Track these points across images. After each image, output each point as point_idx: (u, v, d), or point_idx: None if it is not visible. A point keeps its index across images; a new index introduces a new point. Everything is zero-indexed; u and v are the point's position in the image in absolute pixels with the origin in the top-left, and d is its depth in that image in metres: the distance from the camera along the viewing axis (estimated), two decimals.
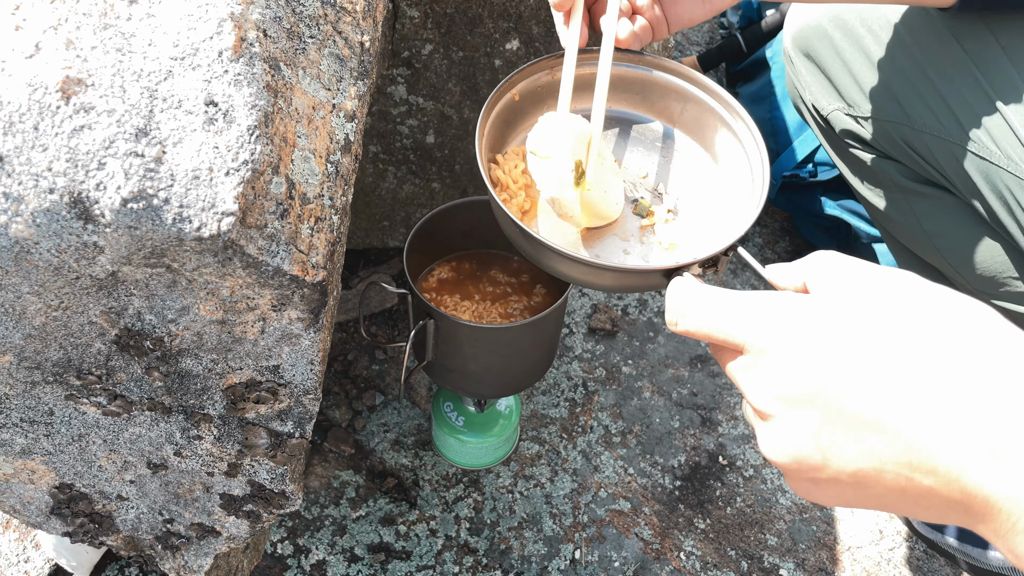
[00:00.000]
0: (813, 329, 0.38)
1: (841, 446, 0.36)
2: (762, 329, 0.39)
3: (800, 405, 0.37)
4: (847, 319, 0.37)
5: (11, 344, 0.57)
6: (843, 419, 0.36)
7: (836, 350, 0.37)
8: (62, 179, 0.50)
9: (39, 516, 0.74)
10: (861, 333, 0.37)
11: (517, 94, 0.66)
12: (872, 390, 0.35)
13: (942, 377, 0.34)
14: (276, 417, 0.67)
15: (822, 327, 0.37)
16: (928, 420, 0.34)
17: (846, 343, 0.37)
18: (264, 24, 0.57)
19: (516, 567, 1.02)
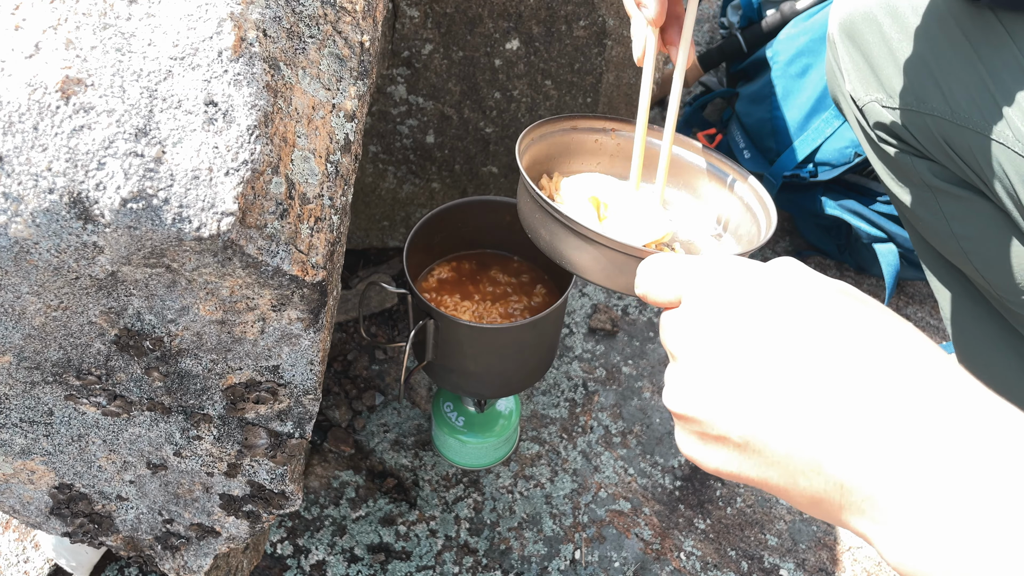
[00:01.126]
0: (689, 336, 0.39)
1: (718, 455, 0.37)
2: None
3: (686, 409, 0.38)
4: (707, 329, 0.38)
5: (11, 344, 0.57)
6: (713, 439, 0.37)
7: (700, 366, 0.37)
8: (62, 179, 0.50)
9: (39, 516, 0.74)
10: (717, 347, 0.37)
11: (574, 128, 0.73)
12: (732, 412, 0.36)
13: (797, 380, 0.34)
14: (276, 417, 0.67)
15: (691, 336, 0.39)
16: (790, 431, 0.34)
17: (705, 359, 0.37)
18: (264, 24, 0.57)
19: (516, 567, 1.02)
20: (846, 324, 0.35)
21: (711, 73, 1.68)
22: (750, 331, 0.36)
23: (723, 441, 0.37)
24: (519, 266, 0.98)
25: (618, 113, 1.14)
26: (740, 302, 0.37)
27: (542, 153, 0.71)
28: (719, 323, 0.37)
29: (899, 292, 1.46)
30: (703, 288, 0.40)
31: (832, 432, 0.33)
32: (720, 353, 0.37)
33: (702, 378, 0.37)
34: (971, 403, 0.32)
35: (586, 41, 1.05)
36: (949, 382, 0.33)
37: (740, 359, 0.36)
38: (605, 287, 0.68)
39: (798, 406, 0.34)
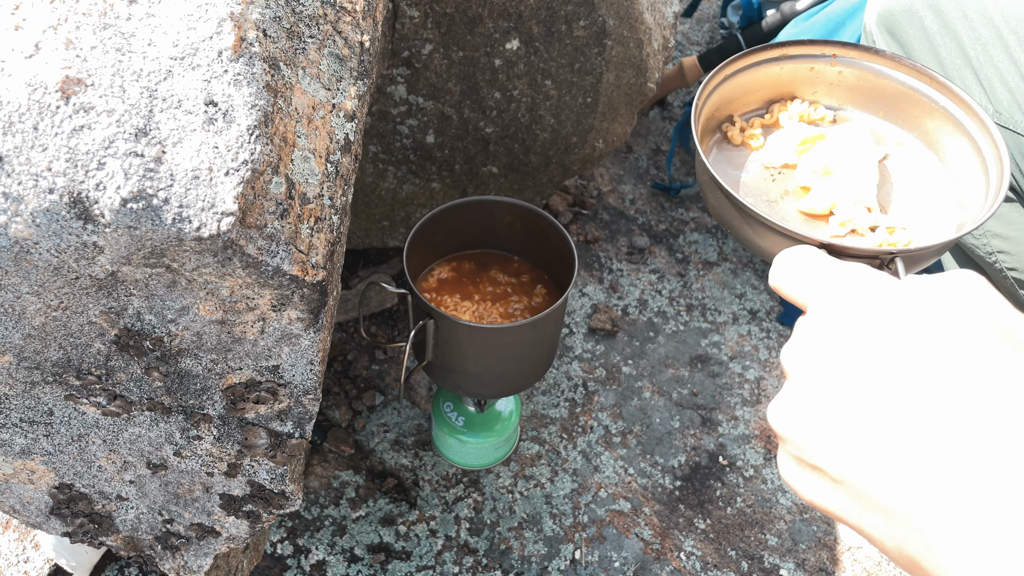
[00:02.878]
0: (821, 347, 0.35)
1: (813, 486, 0.34)
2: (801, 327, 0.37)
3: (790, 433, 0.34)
4: (823, 346, 0.34)
5: (11, 344, 0.57)
6: (810, 467, 0.33)
7: (808, 385, 0.34)
8: (62, 179, 0.50)
9: (39, 516, 0.74)
10: (830, 367, 0.33)
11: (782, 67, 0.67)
12: (832, 442, 0.32)
13: (920, 428, 0.30)
14: (276, 417, 0.67)
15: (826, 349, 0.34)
16: (896, 482, 0.30)
17: (815, 378, 0.34)
18: (264, 24, 0.57)
19: (516, 567, 1.02)
20: (993, 380, 0.30)
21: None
22: (872, 357, 0.32)
23: (819, 472, 0.33)
24: (519, 266, 0.98)
25: (617, 113, 1.14)
26: (868, 323, 0.33)
27: (735, 92, 0.65)
28: (838, 342, 0.33)
29: None
30: (831, 300, 0.35)
31: (940, 500, 0.29)
32: (832, 375, 0.33)
33: (808, 398, 0.33)
34: None
35: (586, 41, 1.05)
36: None
37: (854, 386, 0.32)
38: None
39: (913, 458, 0.30)
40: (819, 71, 0.67)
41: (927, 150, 0.64)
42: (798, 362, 0.35)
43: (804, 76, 0.67)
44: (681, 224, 1.50)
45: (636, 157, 1.61)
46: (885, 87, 0.65)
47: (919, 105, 0.64)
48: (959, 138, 0.61)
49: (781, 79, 0.67)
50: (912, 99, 0.64)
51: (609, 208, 1.50)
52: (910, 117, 0.65)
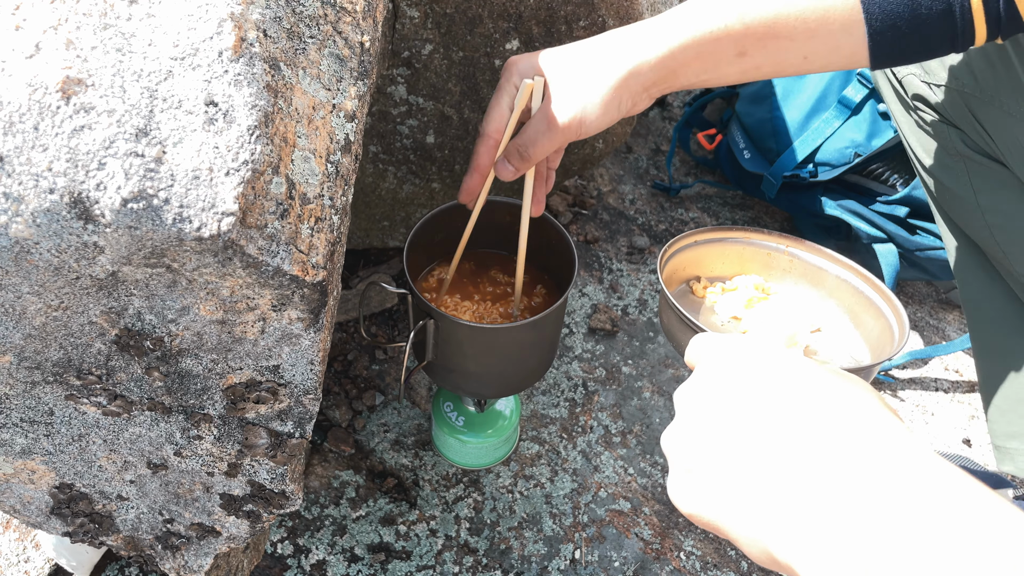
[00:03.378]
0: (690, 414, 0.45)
1: (692, 496, 0.43)
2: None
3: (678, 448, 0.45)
4: (696, 396, 0.45)
5: (11, 344, 0.57)
6: (690, 477, 0.43)
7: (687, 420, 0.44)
8: (62, 179, 0.50)
9: (39, 516, 0.74)
10: (701, 412, 0.43)
11: None
12: (708, 464, 0.42)
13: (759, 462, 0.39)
14: (276, 417, 0.67)
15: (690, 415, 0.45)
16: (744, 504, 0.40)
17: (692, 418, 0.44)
18: (264, 24, 0.57)
19: (516, 567, 1.02)
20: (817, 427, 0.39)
21: None
22: (733, 402, 0.42)
23: (693, 476, 0.42)
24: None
25: None
26: (725, 382, 0.44)
27: (703, 257, 0.81)
28: (713, 390, 0.44)
29: (899, 292, 1.46)
30: (706, 362, 0.46)
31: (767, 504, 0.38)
32: (708, 412, 0.43)
33: (689, 426, 0.44)
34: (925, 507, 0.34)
35: None
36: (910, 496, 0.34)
37: (718, 421, 0.42)
38: None
39: (747, 471, 0.39)
40: (774, 257, 0.83)
41: (852, 328, 0.79)
42: (681, 402, 0.46)
43: (762, 258, 0.82)
44: (681, 224, 1.50)
45: (636, 157, 1.61)
46: (824, 276, 0.80)
47: (852, 294, 0.79)
48: (879, 320, 0.76)
49: (742, 257, 0.82)
50: (845, 288, 0.80)
51: (609, 208, 1.50)
52: (841, 300, 0.81)
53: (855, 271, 0.79)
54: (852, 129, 1.28)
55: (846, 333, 0.79)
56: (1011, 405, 0.95)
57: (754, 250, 0.83)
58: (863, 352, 0.77)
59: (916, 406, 1.29)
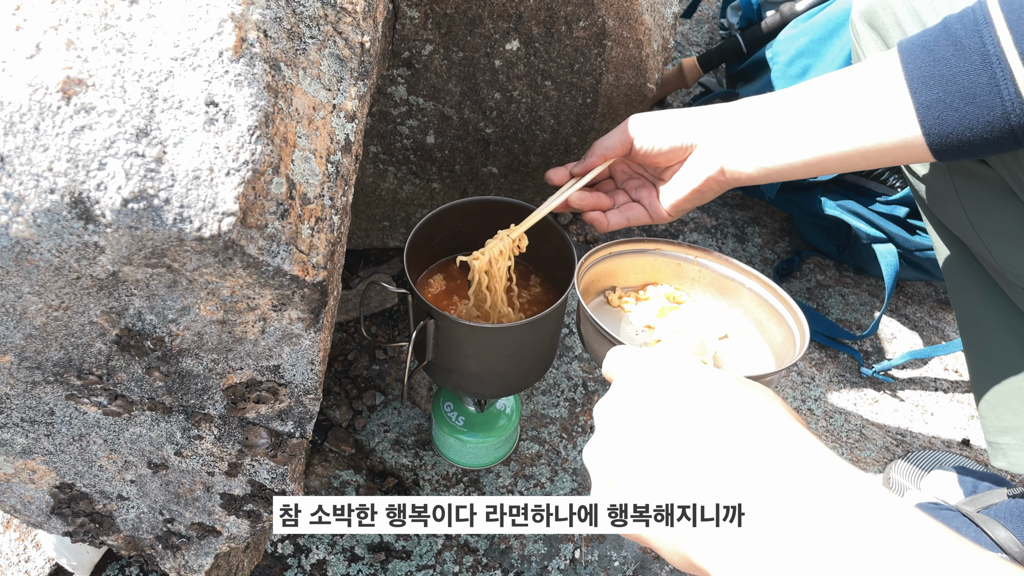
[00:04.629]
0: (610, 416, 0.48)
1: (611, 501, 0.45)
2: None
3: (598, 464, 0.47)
4: (610, 408, 0.47)
5: (12, 344, 0.58)
6: (608, 485, 0.46)
7: (602, 433, 0.47)
8: (63, 179, 0.50)
9: (40, 516, 0.74)
10: (615, 423, 0.46)
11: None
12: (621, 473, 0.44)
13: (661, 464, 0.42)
14: (276, 417, 0.67)
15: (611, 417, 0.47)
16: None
17: (606, 430, 0.47)
18: (264, 24, 0.57)
19: (516, 567, 1.02)
20: (726, 437, 0.42)
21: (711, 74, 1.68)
22: (645, 413, 0.45)
23: (614, 488, 0.44)
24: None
25: (617, 114, 1.14)
26: (640, 396, 0.46)
27: (618, 269, 0.85)
28: (626, 403, 0.47)
29: (898, 292, 1.46)
30: (622, 377, 0.49)
31: (692, 529, 0.41)
32: (623, 425, 0.46)
33: (607, 440, 0.46)
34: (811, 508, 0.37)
35: (586, 42, 1.05)
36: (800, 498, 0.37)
37: (635, 433, 0.45)
38: None
39: (661, 480, 0.42)
40: (684, 267, 0.86)
41: (757, 335, 0.82)
42: (601, 415, 0.48)
43: (672, 269, 0.85)
44: (681, 224, 1.50)
45: None
46: (731, 285, 0.83)
47: (758, 303, 0.82)
48: (782, 327, 0.79)
49: (655, 267, 0.86)
50: (750, 296, 0.83)
51: None
52: (747, 309, 0.84)
53: (760, 281, 0.83)
54: None
55: (752, 340, 0.82)
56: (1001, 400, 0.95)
57: (665, 260, 0.87)
58: (768, 358, 0.81)
59: (916, 406, 1.29)
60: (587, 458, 0.47)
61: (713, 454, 0.41)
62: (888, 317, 1.42)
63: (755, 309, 0.83)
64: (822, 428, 1.23)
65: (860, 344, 1.37)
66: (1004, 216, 0.86)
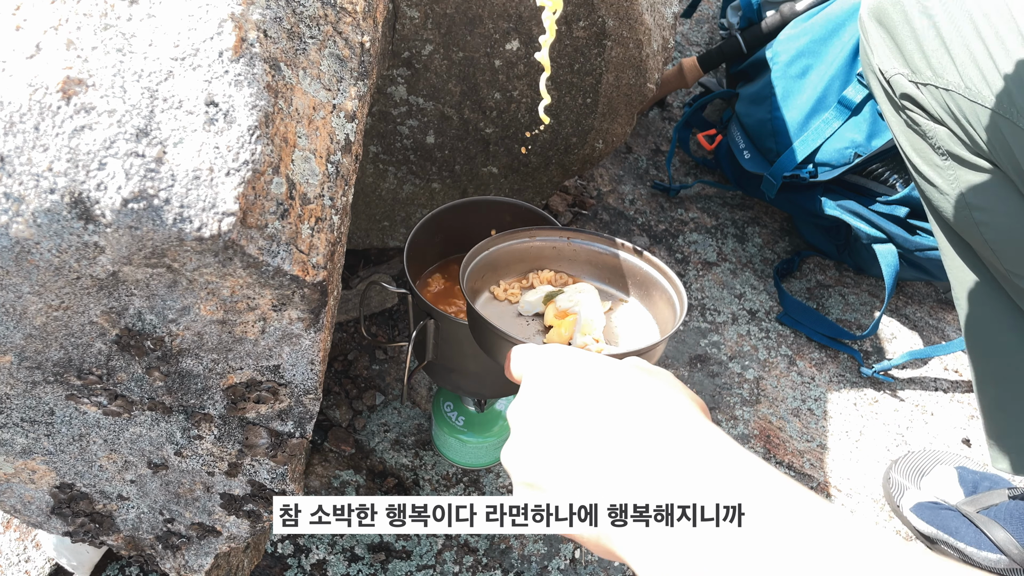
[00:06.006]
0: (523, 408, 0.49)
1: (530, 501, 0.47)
2: None
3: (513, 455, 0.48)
4: (520, 407, 0.48)
5: (12, 344, 0.58)
6: (527, 486, 0.46)
7: (516, 433, 0.47)
8: (63, 179, 0.50)
9: (40, 516, 0.74)
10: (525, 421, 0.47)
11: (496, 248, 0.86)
12: (531, 469, 0.45)
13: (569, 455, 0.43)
14: (276, 417, 0.67)
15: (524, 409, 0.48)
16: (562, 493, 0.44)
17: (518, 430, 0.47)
18: (264, 24, 0.57)
19: (516, 567, 1.02)
20: (632, 401, 0.44)
21: (711, 74, 1.68)
22: (557, 407, 0.46)
23: (535, 488, 0.45)
24: None
25: (617, 114, 1.14)
26: (549, 396, 0.47)
27: (499, 261, 0.85)
28: (538, 400, 0.47)
29: (898, 292, 1.46)
30: (532, 373, 0.49)
31: (606, 497, 0.42)
32: (531, 425, 0.46)
33: (522, 441, 0.47)
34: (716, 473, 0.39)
35: (586, 42, 1.05)
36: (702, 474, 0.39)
37: (549, 429, 0.45)
38: None
39: (576, 473, 0.43)
40: (559, 249, 0.86)
41: (640, 304, 0.84)
42: (513, 417, 0.48)
43: (549, 252, 0.86)
44: (680, 224, 1.50)
45: (636, 157, 1.61)
46: (607, 260, 0.85)
47: (632, 273, 0.84)
48: (662, 291, 0.82)
49: (531, 253, 0.86)
50: (626, 269, 0.85)
51: (609, 208, 1.50)
52: (625, 282, 0.86)
53: (631, 251, 0.85)
54: (852, 129, 1.28)
55: (635, 310, 0.85)
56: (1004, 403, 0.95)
57: (541, 246, 0.88)
58: (652, 325, 0.84)
59: (916, 406, 1.29)
60: (505, 460, 0.47)
61: (621, 450, 0.42)
62: (888, 317, 1.42)
63: (635, 280, 0.85)
64: (822, 428, 1.23)
65: (860, 344, 1.37)
66: (1010, 218, 0.86)
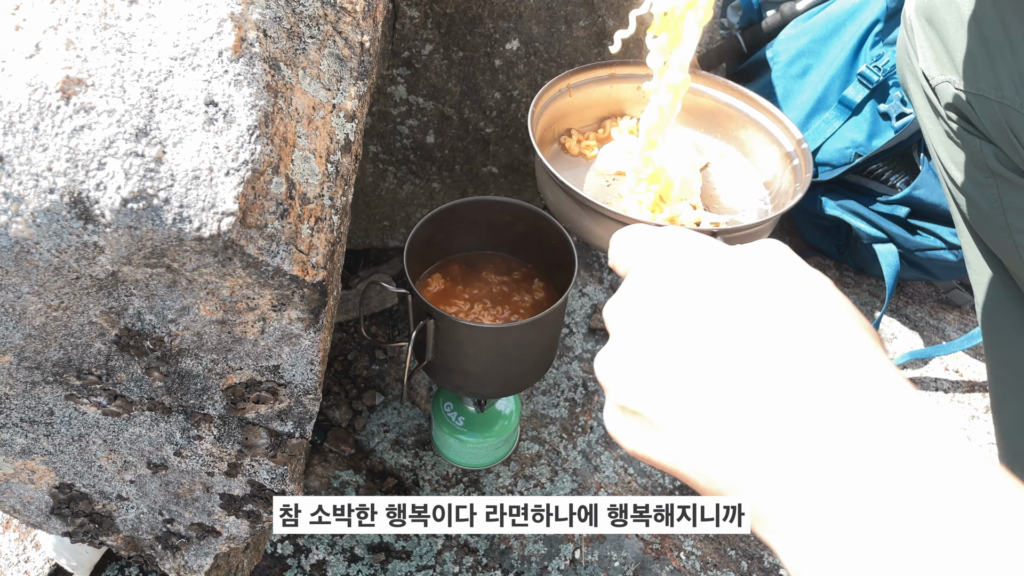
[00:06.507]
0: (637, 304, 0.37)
1: (633, 433, 0.36)
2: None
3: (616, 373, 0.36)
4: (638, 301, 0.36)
5: (11, 344, 0.57)
6: (632, 412, 0.35)
7: (626, 335, 0.36)
8: (62, 179, 0.50)
9: (39, 516, 0.74)
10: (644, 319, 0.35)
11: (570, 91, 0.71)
12: (647, 388, 0.34)
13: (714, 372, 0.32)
14: (276, 417, 0.67)
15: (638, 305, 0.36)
16: (697, 422, 0.32)
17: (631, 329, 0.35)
18: (264, 24, 0.57)
19: (516, 567, 1.02)
20: (786, 322, 0.32)
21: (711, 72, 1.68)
22: (683, 309, 0.34)
23: (639, 417, 0.34)
24: (519, 266, 0.98)
25: None
26: (680, 278, 0.35)
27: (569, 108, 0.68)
28: (654, 296, 0.35)
29: (899, 292, 1.46)
30: (648, 261, 0.37)
31: (738, 440, 0.31)
32: (648, 326, 0.35)
33: (628, 349, 0.35)
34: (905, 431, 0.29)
35: (586, 41, 1.05)
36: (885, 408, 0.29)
37: (667, 336, 0.34)
38: None
39: (709, 401, 0.32)
40: (645, 90, 0.69)
41: (744, 158, 0.69)
42: (616, 316, 0.36)
43: (631, 95, 0.71)
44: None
45: None
46: (704, 104, 0.69)
47: (733, 119, 0.69)
48: (768, 144, 0.66)
49: (611, 97, 0.71)
50: (727, 114, 0.69)
51: None
52: (727, 131, 0.71)
53: (735, 92, 0.68)
54: (852, 129, 1.28)
55: (736, 166, 0.68)
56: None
57: (622, 86, 0.72)
58: (757, 183, 0.67)
59: None
60: (601, 372, 0.36)
61: (772, 370, 0.31)
62: (888, 317, 1.42)
63: (735, 127, 0.68)
64: None
65: None
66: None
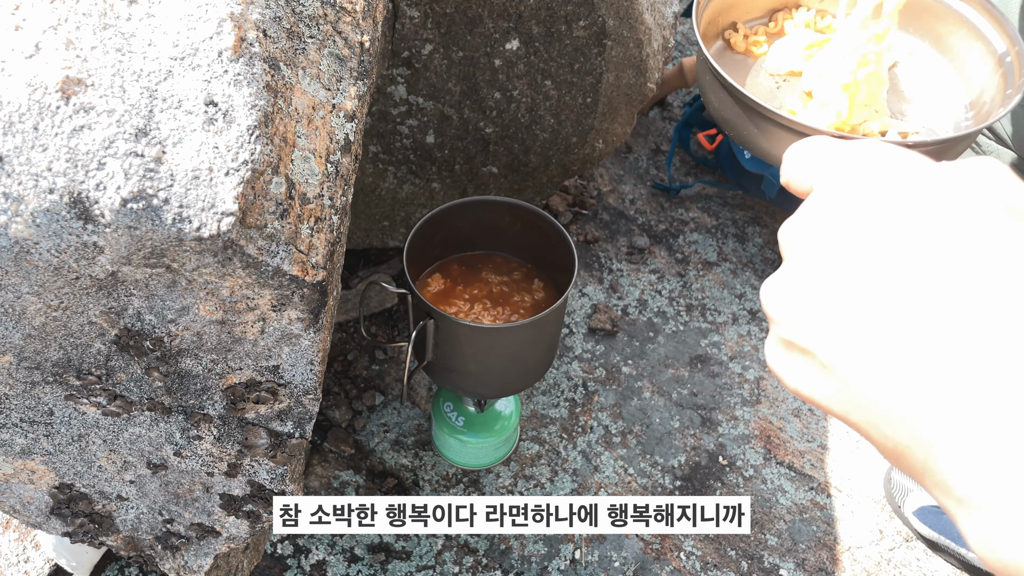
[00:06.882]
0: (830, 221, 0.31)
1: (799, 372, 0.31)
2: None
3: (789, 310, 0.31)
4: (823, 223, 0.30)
5: (11, 344, 0.57)
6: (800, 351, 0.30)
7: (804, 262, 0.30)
8: (62, 179, 0.50)
9: (39, 516, 0.74)
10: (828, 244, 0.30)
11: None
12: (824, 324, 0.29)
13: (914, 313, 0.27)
14: (276, 417, 0.67)
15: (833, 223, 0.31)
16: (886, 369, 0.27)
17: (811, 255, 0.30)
18: (264, 24, 0.57)
19: (516, 567, 1.02)
20: (1011, 266, 0.26)
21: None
22: (874, 235, 0.28)
23: (808, 356, 0.30)
24: (519, 266, 0.98)
25: (617, 113, 1.14)
26: (876, 199, 0.29)
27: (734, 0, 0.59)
28: (840, 218, 0.30)
29: None
30: (838, 176, 0.32)
31: (937, 390, 0.26)
32: (830, 252, 0.29)
33: (803, 277, 0.30)
34: None
35: (586, 41, 1.05)
36: None
37: (852, 264, 0.29)
38: None
39: (905, 343, 0.26)
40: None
41: (940, 57, 0.59)
42: (795, 238, 0.31)
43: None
44: (681, 224, 1.50)
45: (636, 157, 1.61)
46: None
47: (931, 11, 0.59)
48: (973, 42, 0.56)
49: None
50: (923, 5, 0.60)
51: (609, 208, 1.50)
52: (921, 24, 0.61)
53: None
54: None
55: (931, 64, 0.59)
56: None
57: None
58: (956, 88, 0.58)
59: None
60: (768, 299, 0.31)
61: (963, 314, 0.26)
62: None
63: (932, 19, 0.58)
64: (823, 428, 1.23)
65: None
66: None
